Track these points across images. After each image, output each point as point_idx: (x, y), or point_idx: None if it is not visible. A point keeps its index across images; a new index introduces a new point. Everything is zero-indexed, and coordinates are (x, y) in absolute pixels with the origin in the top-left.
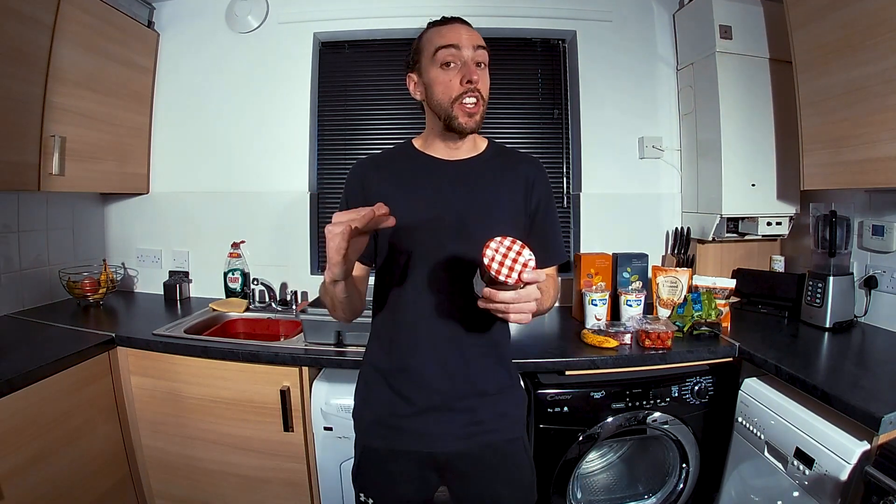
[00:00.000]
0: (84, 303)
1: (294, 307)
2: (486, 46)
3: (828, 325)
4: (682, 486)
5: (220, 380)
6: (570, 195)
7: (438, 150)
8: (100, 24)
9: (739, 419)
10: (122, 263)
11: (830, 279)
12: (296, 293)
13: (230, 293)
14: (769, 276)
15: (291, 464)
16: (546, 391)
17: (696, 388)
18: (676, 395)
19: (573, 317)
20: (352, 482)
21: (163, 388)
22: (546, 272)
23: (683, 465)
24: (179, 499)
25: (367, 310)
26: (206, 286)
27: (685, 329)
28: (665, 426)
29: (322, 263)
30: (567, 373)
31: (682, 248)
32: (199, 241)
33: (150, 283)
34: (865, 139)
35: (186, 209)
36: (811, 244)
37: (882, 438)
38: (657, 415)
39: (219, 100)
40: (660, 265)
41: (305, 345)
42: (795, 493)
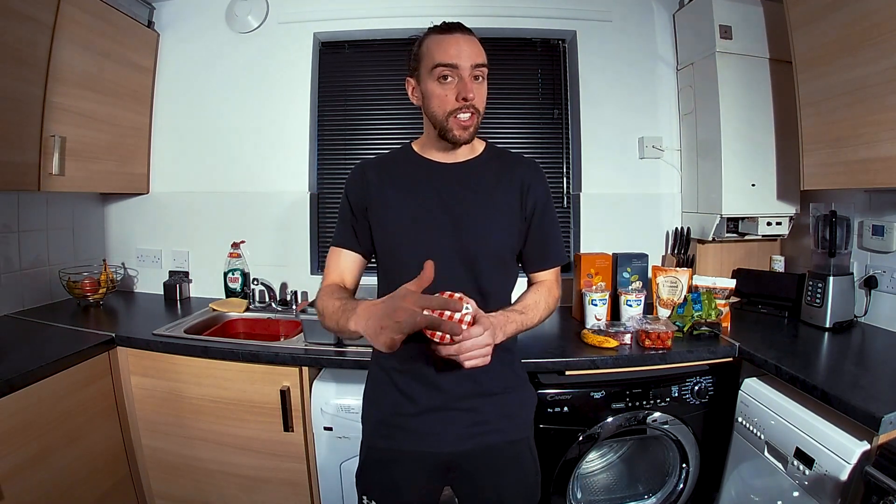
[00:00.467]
0: (84, 303)
1: (294, 307)
2: (486, 63)
3: (828, 325)
4: (682, 486)
5: (220, 380)
6: (570, 195)
7: (436, 154)
8: (100, 24)
9: (739, 419)
10: (122, 263)
11: (830, 279)
12: (296, 293)
13: (230, 293)
14: (769, 276)
15: (291, 464)
16: (546, 391)
17: (696, 388)
18: (676, 395)
19: (573, 317)
20: (355, 484)
21: (163, 388)
22: (543, 276)
23: (683, 465)
24: (179, 499)
25: None
26: (206, 286)
27: (685, 329)
28: (665, 426)
29: (322, 263)
30: (567, 373)
31: (682, 248)
32: (199, 241)
33: (150, 283)
34: (865, 139)
35: (186, 209)
36: (811, 244)
37: (882, 438)
38: (657, 415)
39: (219, 100)
40: (660, 265)
41: (305, 345)
42: (795, 493)
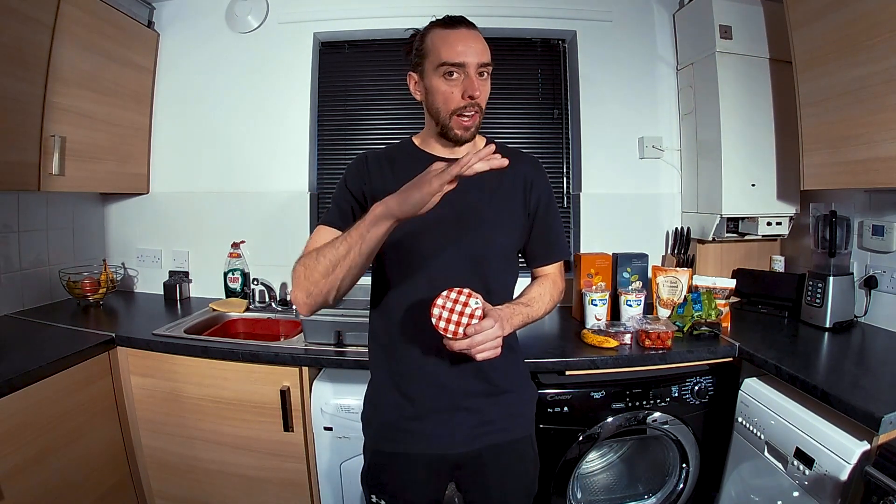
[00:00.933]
0: (84, 303)
1: (294, 307)
2: (491, 62)
3: (828, 325)
4: (682, 486)
5: (220, 380)
6: (570, 195)
7: (438, 149)
8: (100, 24)
9: (739, 419)
10: (122, 263)
11: (830, 279)
12: None
13: (230, 293)
14: (769, 276)
15: (291, 464)
16: (546, 391)
17: (696, 388)
18: (676, 395)
19: (573, 317)
20: (361, 484)
21: (163, 388)
22: (547, 270)
23: (683, 465)
24: (179, 499)
25: (364, 310)
26: (206, 286)
27: (685, 329)
28: (665, 426)
29: None
30: (567, 373)
31: (682, 248)
32: (199, 241)
33: (150, 283)
34: (865, 139)
35: (186, 209)
36: (811, 244)
37: (882, 438)
38: (657, 415)
39: (219, 99)
40: (660, 265)
41: (305, 345)
42: (795, 493)
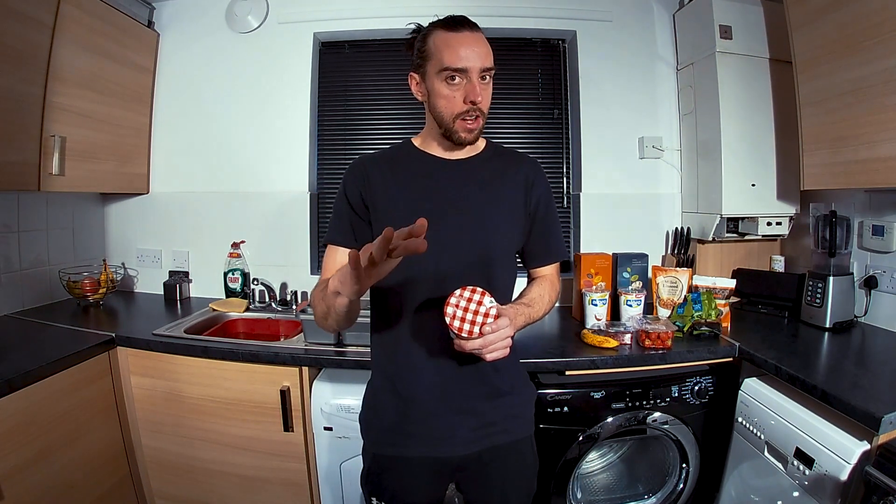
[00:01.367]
0: (84, 303)
1: (294, 307)
2: (494, 65)
3: (828, 325)
4: (683, 486)
5: (220, 380)
6: (570, 195)
7: (438, 150)
8: (100, 24)
9: (739, 419)
10: (122, 263)
11: (830, 279)
12: (296, 293)
13: (230, 293)
14: (769, 276)
15: (291, 464)
16: (546, 391)
17: (696, 388)
18: (676, 395)
19: (573, 317)
20: (361, 486)
21: (163, 388)
22: (545, 271)
23: (683, 465)
24: (179, 499)
25: (365, 310)
26: (206, 286)
27: (685, 329)
28: (665, 426)
29: (321, 263)
30: (567, 373)
31: (682, 248)
32: (199, 241)
33: (150, 283)
34: (865, 139)
35: (186, 209)
36: (811, 244)
37: (882, 438)
38: (657, 415)
39: (219, 100)
40: (660, 265)
41: (305, 345)
42: (795, 493)
